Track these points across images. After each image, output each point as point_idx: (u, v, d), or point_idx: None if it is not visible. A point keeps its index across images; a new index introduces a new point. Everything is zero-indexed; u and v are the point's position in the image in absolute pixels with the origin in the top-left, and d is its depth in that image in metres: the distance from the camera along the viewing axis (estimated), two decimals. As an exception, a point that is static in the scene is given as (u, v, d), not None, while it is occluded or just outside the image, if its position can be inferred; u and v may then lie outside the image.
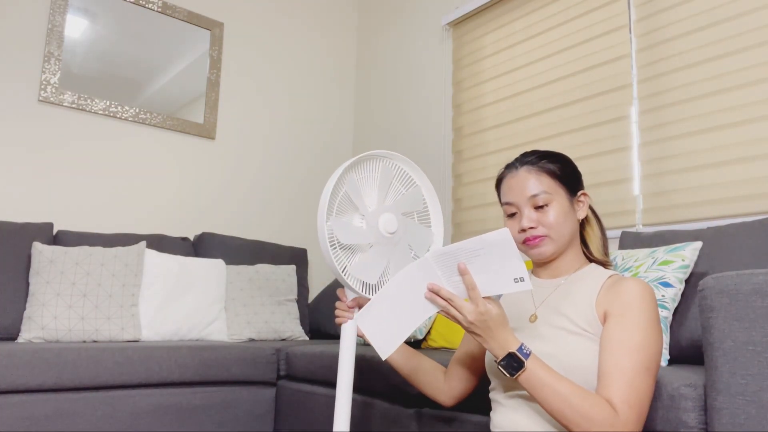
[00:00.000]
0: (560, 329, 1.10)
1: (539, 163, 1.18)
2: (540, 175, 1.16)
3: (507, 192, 1.19)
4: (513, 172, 1.19)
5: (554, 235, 1.14)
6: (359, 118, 3.75)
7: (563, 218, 1.14)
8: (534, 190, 1.15)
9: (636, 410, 0.97)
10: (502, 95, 2.81)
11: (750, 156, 1.93)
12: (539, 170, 1.16)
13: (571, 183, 1.19)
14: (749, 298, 1.01)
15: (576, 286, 1.15)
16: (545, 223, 1.14)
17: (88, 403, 1.85)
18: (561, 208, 1.14)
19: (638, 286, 1.06)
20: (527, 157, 1.20)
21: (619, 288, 1.07)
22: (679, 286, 1.57)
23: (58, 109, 2.71)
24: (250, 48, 3.39)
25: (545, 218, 1.14)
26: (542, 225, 1.14)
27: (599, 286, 1.12)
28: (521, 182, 1.16)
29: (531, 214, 1.14)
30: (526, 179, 1.16)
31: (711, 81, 2.06)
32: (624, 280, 1.09)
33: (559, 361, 1.05)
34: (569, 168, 1.20)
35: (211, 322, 2.54)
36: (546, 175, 1.16)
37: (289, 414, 2.15)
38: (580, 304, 1.11)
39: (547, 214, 1.14)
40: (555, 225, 1.13)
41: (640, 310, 1.03)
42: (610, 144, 2.34)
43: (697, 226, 1.96)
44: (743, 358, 1.00)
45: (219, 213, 3.17)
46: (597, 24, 2.45)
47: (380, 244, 1.18)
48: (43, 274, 2.22)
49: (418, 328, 2.15)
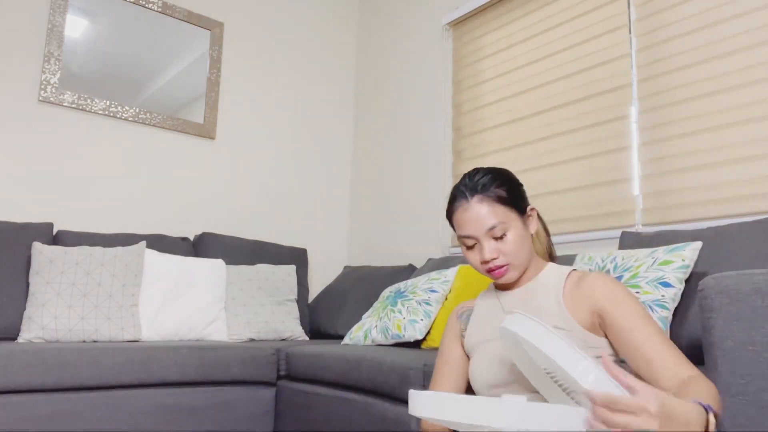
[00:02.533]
0: None
1: (489, 190, 1.16)
2: (493, 204, 1.15)
3: (463, 225, 1.17)
4: (464, 203, 1.17)
5: (516, 261, 1.16)
6: (359, 118, 3.75)
7: (521, 243, 1.16)
8: (491, 222, 1.14)
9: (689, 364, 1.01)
10: (502, 95, 2.81)
11: (750, 156, 1.93)
12: (491, 200, 1.16)
13: (520, 203, 1.20)
14: (749, 298, 1.01)
15: (539, 290, 1.19)
16: (505, 252, 1.15)
17: (88, 403, 1.85)
18: (517, 234, 1.16)
19: (604, 277, 1.12)
20: (474, 183, 1.18)
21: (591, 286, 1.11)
22: (679, 286, 1.57)
23: (58, 109, 2.71)
24: (250, 48, 3.39)
25: (505, 247, 1.15)
26: (503, 254, 1.15)
27: (561, 284, 1.16)
28: (476, 215, 1.15)
29: (491, 245, 1.15)
30: (480, 211, 1.15)
31: (711, 81, 2.06)
32: (589, 275, 1.14)
33: None
34: (515, 188, 1.20)
35: (211, 322, 2.54)
36: (498, 203, 1.16)
37: (289, 414, 2.15)
38: (547, 306, 1.15)
39: (506, 243, 1.15)
40: (515, 252, 1.15)
41: (624, 294, 1.08)
42: (610, 144, 2.34)
43: (697, 226, 1.96)
44: (743, 358, 1.00)
45: (219, 213, 3.17)
46: (597, 24, 2.45)
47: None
48: (43, 274, 2.22)
49: (418, 329, 2.15)
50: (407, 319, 2.18)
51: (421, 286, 2.29)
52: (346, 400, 1.90)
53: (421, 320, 2.15)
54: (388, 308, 2.30)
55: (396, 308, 2.26)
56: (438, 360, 1.34)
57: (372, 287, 2.84)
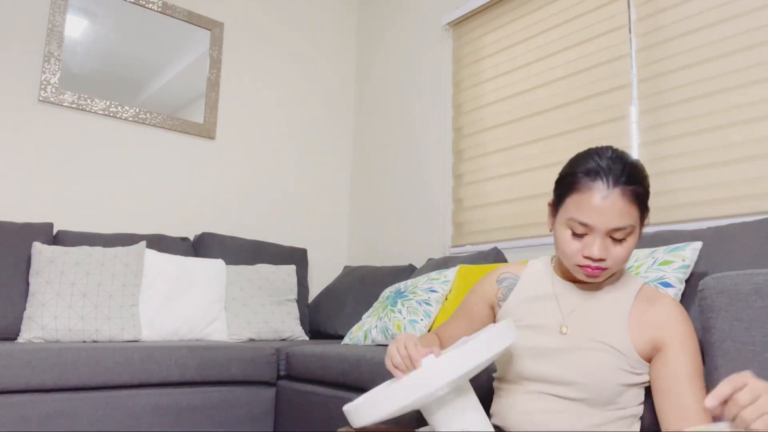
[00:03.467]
0: (591, 350, 1.06)
1: (631, 186, 0.99)
2: (631, 204, 0.99)
3: (587, 212, 0.99)
4: (603, 190, 0.99)
5: (616, 268, 1.04)
6: (359, 118, 3.75)
7: (631, 252, 1.02)
8: (621, 223, 0.99)
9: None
10: (502, 95, 2.81)
11: (750, 156, 1.93)
12: (631, 198, 0.99)
13: (646, 207, 1.04)
14: (749, 298, 1.01)
15: (604, 298, 1.10)
16: (615, 257, 1.01)
17: (88, 403, 1.85)
18: (634, 242, 1.02)
19: (679, 310, 1.04)
20: (623, 170, 1.00)
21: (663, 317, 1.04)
22: (679, 286, 1.57)
23: (58, 109, 2.71)
24: (250, 48, 3.39)
25: (617, 252, 1.01)
26: (610, 257, 1.01)
27: (630, 301, 1.08)
28: (611, 209, 0.98)
29: (605, 244, 1.01)
30: (617, 207, 0.98)
31: (711, 81, 2.06)
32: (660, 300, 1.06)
33: (584, 377, 1.04)
34: (648, 188, 1.04)
35: (211, 322, 2.54)
36: (635, 204, 1.00)
37: (289, 414, 2.15)
38: (609, 323, 1.06)
39: (621, 248, 1.01)
40: (622, 259, 1.02)
41: (691, 336, 1.03)
42: (610, 144, 2.33)
43: (697, 226, 1.96)
44: (743, 358, 1.00)
45: (219, 213, 3.17)
46: (597, 24, 2.45)
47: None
48: (43, 274, 2.22)
49: (418, 329, 2.15)
50: (407, 319, 2.18)
51: (421, 286, 2.29)
52: (346, 400, 1.90)
53: (421, 320, 2.15)
54: (388, 308, 2.30)
55: (396, 308, 2.26)
56: (459, 311, 1.28)
57: (372, 287, 2.84)
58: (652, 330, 1.04)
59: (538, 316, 1.13)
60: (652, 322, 1.05)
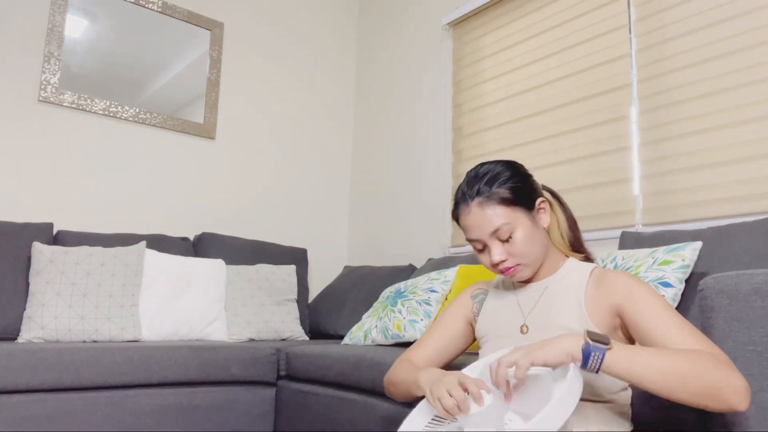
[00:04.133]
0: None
1: (490, 192, 1.12)
2: (494, 207, 1.11)
3: (467, 229, 1.15)
4: (465, 208, 1.14)
5: (526, 260, 1.12)
6: (359, 118, 3.75)
7: (530, 241, 1.11)
8: (494, 225, 1.10)
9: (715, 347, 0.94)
10: (502, 95, 2.81)
11: (750, 156, 1.93)
12: (493, 202, 1.11)
13: (527, 199, 1.14)
14: (749, 298, 1.01)
15: (560, 288, 1.14)
16: (514, 253, 1.11)
17: (88, 403, 1.85)
18: (525, 233, 1.11)
19: (627, 275, 1.08)
20: (475, 184, 1.14)
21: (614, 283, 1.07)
22: (679, 286, 1.57)
23: (58, 109, 2.71)
24: (250, 48, 3.39)
25: (513, 248, 1.11)
26: (511, 255, 1.11)
27: (584, 285, 1.11)
28: (478, 219, 1.11)
29: (498, 248, 1.11)
30: (482, 215, 1.11)
31: (711, 81, 2.06)
32: (609, 274, 1.10)
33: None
34: (520, 184, 1.14)
35: (211, 322, 2.54)
36: (500, 205, 1.11)
37: (289, 414, 2.15)
38: (567, 308, 1.10)
39: (513, 244, 1.10)
40: (524, 251, 1.11)
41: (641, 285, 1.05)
42: (610, 144, 2.34)
43: (697, 226, 1.96)
44: (743, 358, 1.00)
45: (219, 213, 3.17)
46: (597, 24, 2.45)
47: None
48: (43, 274, 2.22)
49: (418, 329, 2.15)
50: (407, 319, 2.18)
51: (421, 286, 2.29)
52: (346, 400, 1.90)
53: (421, 320, 2.15)
54: (388, 308, 2.30)
55: (396, 308, 2.26)
56: (437, 325, 1.31)
57: (372, 287, 2.84)
58: (605, 299, 1.07)
59: (503, 325, 1.18)
60: (603, 293, 1.08)
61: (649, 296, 1.03)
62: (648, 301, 1.02)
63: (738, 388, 0.87)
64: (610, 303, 1.06)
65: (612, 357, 0.90)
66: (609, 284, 1.08)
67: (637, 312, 1.02)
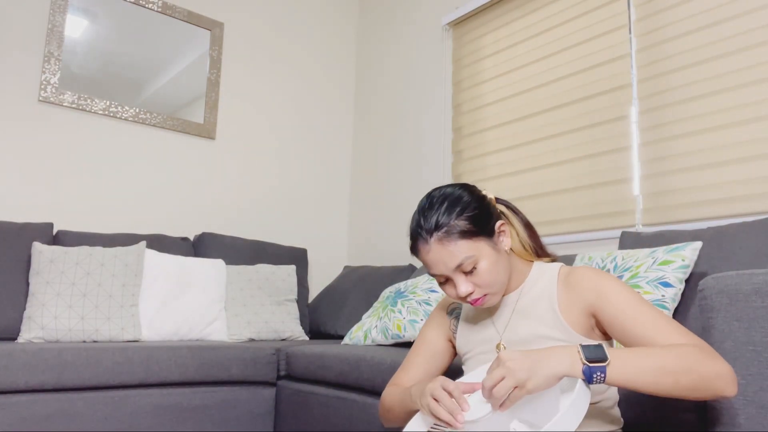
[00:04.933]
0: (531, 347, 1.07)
1: (448, 227, 1.05)
2: (455, 242, 1.04)
3: (429, 266, 1.08)
4: (425, 246, 1.06)
5: (493, 289, 1.07)
6: (359, 118, 3.75)
7: (495, 270, 1.06)
8: (457, 260, 1.04)
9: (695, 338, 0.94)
10: (502, 95, 2.81)
11: (750, 156, 1.93)
12: (452, 237, 1.04)
13: (486, 226, 1.08)
14: (749, 298, 1.01)
15: (532, 297, 1.12)
16: (480, 284, 1.06)
17: (88, 403, 1.85)
18: (489, 262, 1.06)
19: (587, 273, 1.06)
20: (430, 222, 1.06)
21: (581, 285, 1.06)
22: (679, 286, 1.57)
23: (58, 109, 2.71)
24: (250, 48, 3.39)
25: (478, 279, 1.05)
26: (477, 287, 1.06)
27: (554, 289, 1.09)
28: (439, 256, 1.05)
29: (463, 281, 1.06)
30: (443, 252, 1.05)
31: (711, 81, 2.06)
32: (574, 272, 1.08)
33: None
34: (478, 211, 1.08)
35: (211, 322, 2.54)
36: (460, 239, 1.04)
37: (289, 414, 2.15)
38: (544, 317, 1.08)
39: (478, 275, 1.05)
40: (490, 281, 1.06)
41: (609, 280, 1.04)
42: (610, 144, 2.34)
43: (697, 226, 1.96)
44: (743, 358, 1.00)
45: (219, 213, 3.17)
46: (597, 24, 2.45)
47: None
48: (43, 274, 2.22)
49: (418, 329, 2.15)
50: (407, 319, 2.18)
51: (421, 286, 2.29)
52: (346, 400, 1.90)
53: (421, 320, 2.15)
54: (388, 308, 2.30)
55: (396, 308, 2.26)
56: (419, 346, 1.28)
57: (372, 287, 2.84)
58: (577, 301, 1.05)
59: (480, 343, 1.17)
60: (575, 295, 1.06)
61: (620, 293, 1.01)
62: (620, 299, 1.01)
63: (725, 376, 0.88)
64: (582, 305, 1.05)
65: (611, 372, 0.88)
66: (577, 285, 1.06)
67: (611, 313, 1.01)
